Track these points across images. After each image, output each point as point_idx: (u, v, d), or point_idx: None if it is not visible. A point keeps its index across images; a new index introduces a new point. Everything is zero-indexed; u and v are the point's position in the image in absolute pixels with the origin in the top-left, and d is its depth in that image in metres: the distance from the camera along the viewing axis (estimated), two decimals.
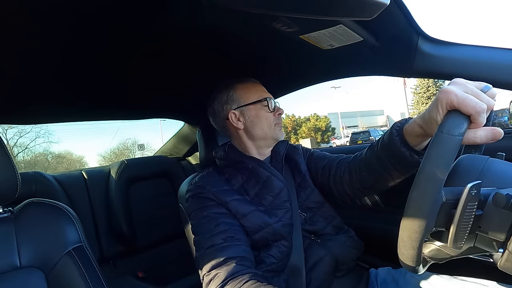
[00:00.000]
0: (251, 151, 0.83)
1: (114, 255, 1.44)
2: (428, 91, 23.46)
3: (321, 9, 0.47)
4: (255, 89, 0.84)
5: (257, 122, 0.81)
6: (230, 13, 0.60)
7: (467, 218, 0.36)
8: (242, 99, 0.82)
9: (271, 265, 0.70)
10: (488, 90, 0.41)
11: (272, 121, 0.82)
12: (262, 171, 0.78)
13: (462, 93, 0.39)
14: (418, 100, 23.91)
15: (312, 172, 0.84)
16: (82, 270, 0.59)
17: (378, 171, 0.65)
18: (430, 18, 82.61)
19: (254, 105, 0.81)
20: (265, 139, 0.82)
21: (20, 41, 0.63)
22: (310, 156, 0.88)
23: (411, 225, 0.37)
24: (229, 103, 0.83)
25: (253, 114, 0.81)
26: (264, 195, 0.76)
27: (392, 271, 0.73)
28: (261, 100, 0.81)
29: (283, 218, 0.73)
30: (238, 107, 0.82)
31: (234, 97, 0.82)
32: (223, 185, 0.77)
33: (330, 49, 0.80)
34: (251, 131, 0.81)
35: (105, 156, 28.78)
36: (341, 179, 0.75)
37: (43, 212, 0.62)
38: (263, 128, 0.81)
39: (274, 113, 0.82)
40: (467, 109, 0.38)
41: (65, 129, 38.96)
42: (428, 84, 23.43)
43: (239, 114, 0.82)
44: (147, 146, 29.16)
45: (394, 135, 0.57)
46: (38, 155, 22.89)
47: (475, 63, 0.69)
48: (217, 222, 0.70)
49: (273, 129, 0.82)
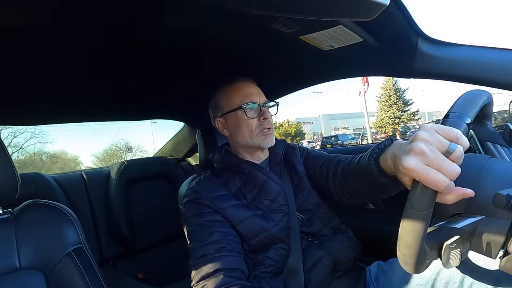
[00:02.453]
0: (245, 156, 0.82)
1: (114, 256, 1.44)
2: (390, 99, 25.19)
3: (320, 10, 0.47)
4: (238, 93, 0.78)
5: (238, 130, 0.78)
6: (230, 14, 0.60)
7: (454, 256, 0.38)
8: (225, 106, 0.80)
9: (269, 267, 0.70)
10: (453, 152, 0.37)
11: (254, 128, 0.77)
12: (259, 175, 0.77)
13: (422, 170, 0.36)
14: (381, 107, 25.67)
15: (310, 172, 0.82)
16: (82, 271, 0.59)
17: (365, 190, 0.67)
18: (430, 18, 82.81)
19: (235, 112, 0.78)
20: (248, 147, 0.80)
21: (20, 43, 0.63)
22: (307, 155, 0.86)
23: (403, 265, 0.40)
24: (215, 110, 0.83)
25: (234, 121, 0.78)
26: (261, 199, 0.76)
27: (381, 264, 0.73)
28: (238, 107, 0.77)
29: (280, 222, 0.73)
30: (222, 114, 0.81)
31: (219, 104, 0.81)
32: (220, 190, 0.77)
33: (330, 50, 0.80)
34: (234, 139, 0.81)
35: (99, 156, 29.26)
36: (340, 182, 0.74)
37: (43, 213, 0.62)
38: (244, 136, 0.78)
39: (258, 118, 0.77)
40: (431, 187, 0.36)
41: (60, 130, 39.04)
42: (389, 94, 24.87)
43: (224, 122, 0.81)
44: (140, 147, 30.01)
45: (372, 164, 0.56)
46: (32, 155, 22.95)
47: (475, 63, 0.69)
48: (211, 231, 0.69)
49: (255, 137, 0.77)
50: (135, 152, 28.87)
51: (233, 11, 0.45)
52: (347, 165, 0.72)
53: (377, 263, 0.74)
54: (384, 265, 0.72)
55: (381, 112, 25.50)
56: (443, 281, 0.54)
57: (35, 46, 0.66)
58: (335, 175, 0.75)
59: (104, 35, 0.67)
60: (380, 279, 0.70)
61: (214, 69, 0.98)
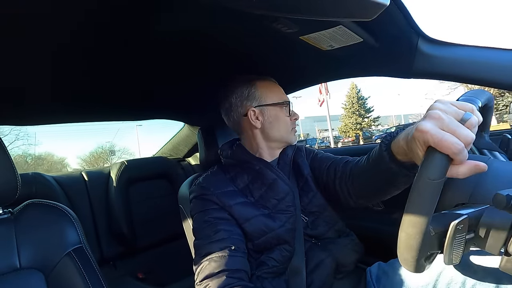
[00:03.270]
0: (262, 152, 0.81)
1: (114, 256, 1.44)
2: (352, 107, 27.09)
3: (321, 10, 0.47)
4: (276, 90, 0.83)
5: (275, 124, 0.80)
6: (230, 13, 0.60)
7: (458, 244, 0.37)
8: (264, 98, 0.80)
9: (273, 268, 0.70)
10: (469, 120, 0.38)
11: (289, 126, 0.82)
12: (269, 173, 0.77)
13: (437, 133, 0.36)
14: (346, 114, 27.64)
15: (316, 173, 0.81)
16: (82, 271, 0.59)
17: (374, 184, 0.66)
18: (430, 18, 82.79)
19: (275, 106, 0.80)
20: (280, 141, 0.82)
21: (19, 42, 0.63)
22: (314, 157, 0.86)
23: (404, 253, 0.39)
24: (250, 99, 0.81)
25: (273, 115, 0.80)
26: (269, 198, 0.75)
27: (382, 265, 0.72)
28: (282, 102, 0.81)
29: (286, 223, 0.73)
30: (258, 105, 0.80)
31: (256, 94, 0.80)
32: (227, 185, 0.76)
33: (330, 50, 0.80)
34: (267, 131, 0.80)
35: (85, 158, 29.58)
36: (346, 184, 0.73)
37: (43, 213, 0.62)
38: (281, 131, 0.80)
39: (290, 118, 0.82)
40: (444, 150, 0.36)
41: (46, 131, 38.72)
42: (352, 101, 27.17)
43: (258, 113, 0.80)
44: (125, 150, 30.79)
45: (383, 150, 0.56)
46: (17, 157, 22.99)
47: (475, 63, 0.69)
48: (216, 229, 0.69)
49: (289, 133, 0.82)
50: (120, 154, 29.30)
51: (233, 10, 0.45)
52: (355, 166, 0.72)
53: (378, 264, 0.74)
54: (385, 265, 0.72)
55: (345, 119, 27.57)
56: (445, 283, 0.54)
57: (35, 45, 0.66)
58: (342, 176, 0.74)
59: (103, 34, 0.67)
60: (381, 280, 0.69)
61: (214, 69, 0.98)
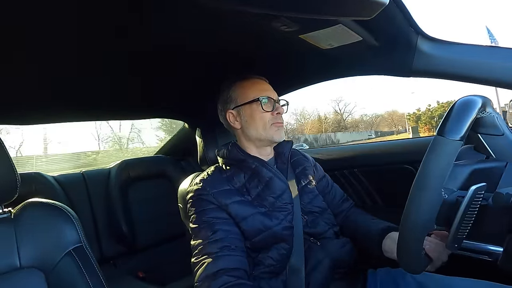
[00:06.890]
0: (252, 151, 0.82)
1: (114, 255, 1.44)
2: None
3: (320, 9, 0.47)
4: (254, 88, 0.81)
5: (251, 122, 0.80)
6: (230, 12, 0.60)
7: (468, 218, 0.36)
8: (239, 98, 0.81)
9: (270, 267, 0.70)
10: None
11: (267, 121, 0.79)
12: (266, 171, 0.77)
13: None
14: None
15: (322, 193, 0.88)
16: (82, 270, 0.59)
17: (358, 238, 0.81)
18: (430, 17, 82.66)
19: (250, 104, 0.80)
20: (260, 139, 0.81)
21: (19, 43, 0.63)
22: (323, 178, 0.92)
23: (412, 223, 0.37)
24: (228, 102, 0.83)
25: (248, 114, 0.80)
26: (266, 196, 0.75)
27: (391, 272, 0.73)
28: (255, 100, 0.79)
29: (283, 221, 0.73)
30: (235, 106, 0.81)
31: (233, 96, 0.82)
32: (224, 185, 0.77)
33: (329, 49, 0.80)
34: (246, 131, 0.81)
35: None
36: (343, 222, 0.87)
37: (43, 212, 0.62)
38: (258, 129, 0.79)
39: (272, 113, 0.80)
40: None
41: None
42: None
43: (236, 114, 0.82)
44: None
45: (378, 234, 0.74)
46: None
47: (475, 62, 0.69)
48: (214, 228, 0.70)
49: (268, 130, 0.79)
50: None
51: (232, 10, 0.44)
52: (350, 211, 0.89)
53: (387, 269, 0.74)
54: (394, 272, 0.72)
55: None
56: None
57: (34, 45, 0.66)
58: (346, 217, 0.88)
59: (103, 34, 0.67)
60: (389, 287, 0.70)
61: (213, 68, 0.98)
